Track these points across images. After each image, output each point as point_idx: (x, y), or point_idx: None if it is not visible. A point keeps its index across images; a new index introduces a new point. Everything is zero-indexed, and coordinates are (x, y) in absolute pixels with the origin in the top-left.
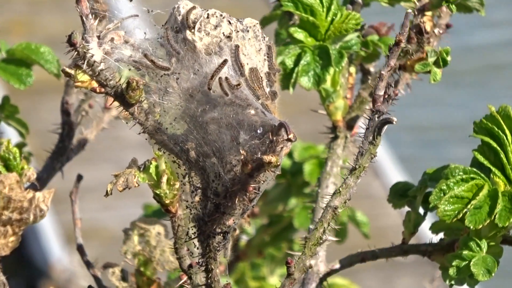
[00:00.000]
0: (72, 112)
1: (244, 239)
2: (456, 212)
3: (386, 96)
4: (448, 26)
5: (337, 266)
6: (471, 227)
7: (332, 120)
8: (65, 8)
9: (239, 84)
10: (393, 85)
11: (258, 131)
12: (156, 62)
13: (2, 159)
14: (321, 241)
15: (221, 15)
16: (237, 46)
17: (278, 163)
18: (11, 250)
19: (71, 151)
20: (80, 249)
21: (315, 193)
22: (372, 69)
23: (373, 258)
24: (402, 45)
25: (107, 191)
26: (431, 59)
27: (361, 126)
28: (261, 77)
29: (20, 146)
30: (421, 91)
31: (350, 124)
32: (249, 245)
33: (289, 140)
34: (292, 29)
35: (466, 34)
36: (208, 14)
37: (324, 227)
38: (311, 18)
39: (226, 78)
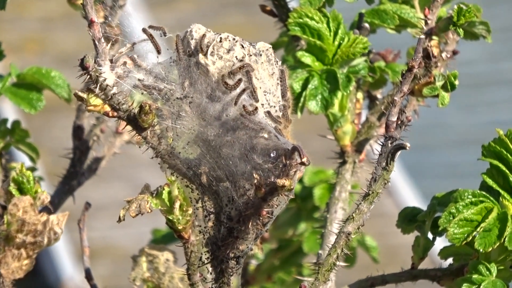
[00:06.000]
0: (84, 137)
1: (253, 263)
2: (466, 235)
3: (399, 122)
4: (455, 52)
5: None
6: (481, 250)
7: (340, 145)
8: (78, 26)
9: (256, 109)
10: (405, 111)
11: (272, 155)
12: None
13: (15, 183)
14: (334, 267)
15: (233, 39)
16: (249, 71)
17: (292, 187)
18: (25, 273)
19: (82, 175)
20: (88, 276)
21: (324, 218)
22: (379, 96)
23: (383, 283)
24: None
25: (119, 217)
26: (439, 83)
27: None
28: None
29: (30, 170)
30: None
31: (358, 149)
32: (258, 270)
33: (302, 164)
34: (299, 53)
35: None
36: (221, 38)
37: (338, 253)
38: (318, 42)
39: (244, 106)
